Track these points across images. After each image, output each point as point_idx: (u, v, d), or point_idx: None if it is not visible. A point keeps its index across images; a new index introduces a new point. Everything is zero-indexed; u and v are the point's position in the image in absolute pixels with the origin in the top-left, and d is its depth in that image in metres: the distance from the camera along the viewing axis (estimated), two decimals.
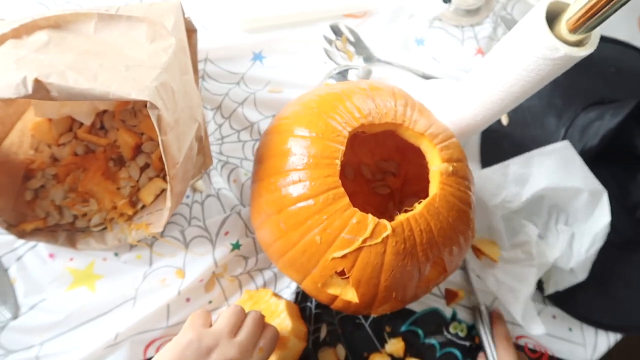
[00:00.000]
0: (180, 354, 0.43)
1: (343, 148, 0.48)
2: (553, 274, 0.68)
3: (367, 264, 0.46)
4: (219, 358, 0.43)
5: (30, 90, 0.41)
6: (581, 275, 0.67)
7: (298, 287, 0.62)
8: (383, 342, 0.63)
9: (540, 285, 0.68)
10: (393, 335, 0.64)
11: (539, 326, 0.64)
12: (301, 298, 0.62)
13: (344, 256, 0.46)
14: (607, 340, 0.70)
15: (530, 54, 0.48)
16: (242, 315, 0.48)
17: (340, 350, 0.61)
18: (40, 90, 0.41)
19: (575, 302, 0.70)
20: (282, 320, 0.55)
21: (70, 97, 0.42)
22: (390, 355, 0.62)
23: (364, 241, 0.45)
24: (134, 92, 0.42)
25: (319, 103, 0.51)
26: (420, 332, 0.64)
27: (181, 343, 0.44)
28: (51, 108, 0.57)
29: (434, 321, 0.65)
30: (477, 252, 0.68)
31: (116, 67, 0.45)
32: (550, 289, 0.67)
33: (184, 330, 0.45)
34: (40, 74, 0.41)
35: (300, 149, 0.48)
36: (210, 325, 0.47)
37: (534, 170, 0.68)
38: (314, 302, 0.61)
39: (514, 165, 0.68)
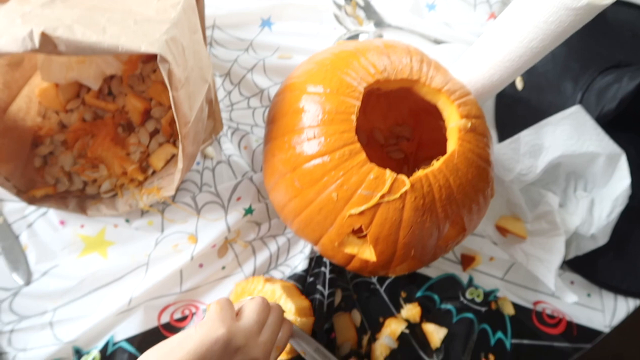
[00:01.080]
0: (208, 348, 0.39)
1: (359, 104, 0.46)
2: (574, 239, 0.66)
3: (386, 220, 0.45)
4: (244, 358, 0.41)
5: (37, 44, 0.39)
6: (602, 240, 0.66)
7: (311, 253, 0.61)
8: (399, 308, 0.62)
9: None
10: (409, 300, 0.63)
11: (571, 295, 0.63)
12: (314, 263, 0.61)
13: (361, 213, 0.45)
14: (626, 305, 0.69)
15: (551, 4, 0.47)
16: (268, 311, 0.45)
17: (356, 315, 0.61)
18: (47, 45, 0.40)
19: (594, 267, 0.69)
20: (284, 304, 0.55)
21: (78, 51, 0.40)
22: (407, 321, 0.62)
23: (382, 197, 0.44)
24: (143, 45, 0.41)
25: (333, 60, 0.50)
26: (436, 297, 0.64)
27: (211, 337, 0.39)
28: (58, 72, 0.56)
29: (450, 287, 0.64)
30: (502, 231, 0.67)
31: (125, 22, 0.44)
32: (570, 254, 0.66)
33: (213, 323, 0.40)
34: (47, 27, 0.39)
35: (315, 106, 0.47)
36: (237, 315, 0.43)
37: (547, 140, 0.66)
38: (328, 267, 0.60)
39: (525, 137, 0.66)
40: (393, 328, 0.61)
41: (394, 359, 0.60)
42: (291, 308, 0.54)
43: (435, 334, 0.62)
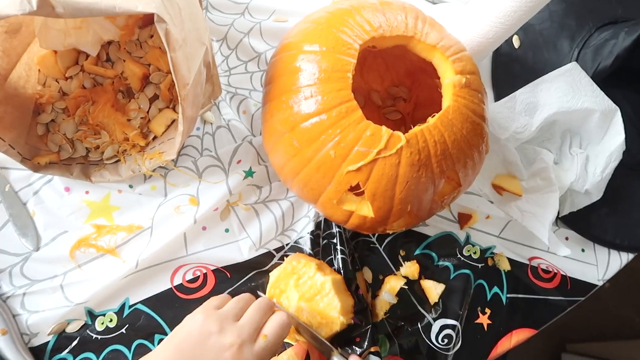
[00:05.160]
0: (187, 332, 0.44)
1: (354, 61, 0.47)
2: (568, 196, 0.68)
3: (382, 175, 0.46)
4: (218, 341, 0.43)
5: (35, 6, 0.40)
6: (596, 196, 0.67)
7: (316, 217, 0.62)
8: (398, 266, 0.64)
9: None
10: (407, 258, 0.65)
11: (564, 248, 0.65)
12: (325, 225, 0.62)
13: (358, 169, 0.46)
14: (619, 260, 0.71)
15: None
16: (250, 301, 0.48)
17: (367, 272, 0.63)
18: (45, 6, 0.40)
19: (587, 223, 0.70)
20: (330, 299, 0.56)
21: (76, 12, 0.41)
22: (405, 277, 0.63)
23: (379, 153, 0.45)
24: (140, 5, 0.41)
25: (329, 18, 0.50)
26: (434, 255, 0.65)
27: (190, 323, 0.44)
28: (56, 39, 0.56)
29: (448, 244, 0.66)
30: (498, 189, 0.68)
31: None
32: (565, 211, 0.68)
33: (196, 310, 0.46)
34: None
35: (311, 65, 0.47)
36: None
37: (542, 97, 0.67)
38: (341, 227, 0.61)
39: (521, 95, 0.66)
40: (392, 285, 0.63)
41: (393, 314, 0.62)
42: (337, 306, 0.55)
43: (433, 289, 0.64)
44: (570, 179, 0.66)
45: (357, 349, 0.57)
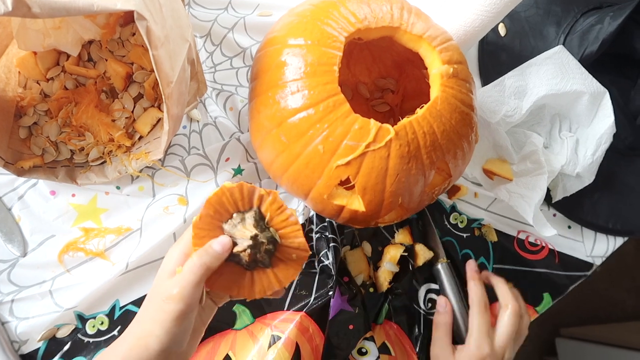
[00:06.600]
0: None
1: (340, 54, 0.46)
2: (560, 180, 0.68)
3: (372, 169, 0.45)
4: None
5: (10, 6, 0.38)
6: (587, 179, 0.67)
7: (306, 212, 0.62)
8: (393, 234, 0.65)
9: (547, 193, 0.68)
10: (400, 225, 0.65)
11: (550, 229, 0.65)
12: (317, 219, 0.62)
13: (348, 163, 0.45)
14: (605, 237, 0.72)
15: None
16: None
17: (367, 246, 0.63)
18: (21, 7, 0.39)
19: (581, 209, 0.70)
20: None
21: (53, 12, 0.40)
22: (402, 244, 0.63)
23: (368, 146, 0.45)
24: (119, 3, 0.40)
25: (313, 11, 0.49)
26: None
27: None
28: (35, 40, 0.55)
29: (435, 210, 0.66)
30: (489, 173, 0.68)
31: None
32: (558, 196, 0.68)
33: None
34: None
35: (296, 59, 0.47)
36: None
37: (531, 81, 0.66)
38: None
39: (509, 79, 0.66)
40: (392, 254, 0.62)
41: (397, 281, 0.62)
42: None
43: (422, 254, 0.63)
44: (561, 162, 0.66)
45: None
